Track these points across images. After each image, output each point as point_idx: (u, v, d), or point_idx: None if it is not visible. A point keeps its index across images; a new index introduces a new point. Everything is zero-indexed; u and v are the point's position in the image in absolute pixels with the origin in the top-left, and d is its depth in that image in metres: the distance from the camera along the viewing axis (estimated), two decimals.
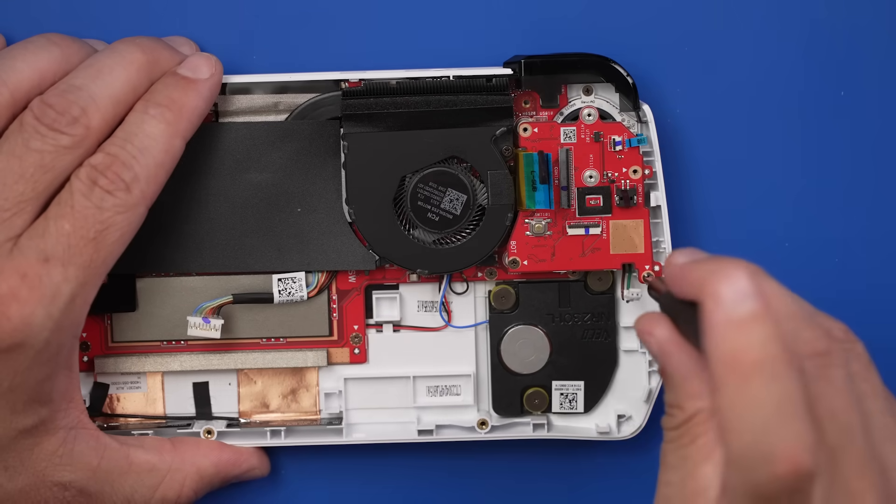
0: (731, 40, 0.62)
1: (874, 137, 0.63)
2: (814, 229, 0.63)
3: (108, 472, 0.58)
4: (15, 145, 0.54)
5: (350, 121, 0.59)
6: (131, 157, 0.54)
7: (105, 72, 0.55)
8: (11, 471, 0.56)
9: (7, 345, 0.53)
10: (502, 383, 0.62)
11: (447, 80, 0.60)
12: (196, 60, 0.57)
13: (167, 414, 0.62)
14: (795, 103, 0.63)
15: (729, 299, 0.44)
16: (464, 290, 0.62)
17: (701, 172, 0.63)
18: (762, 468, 0.43)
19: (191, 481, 0.60)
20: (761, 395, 0.44)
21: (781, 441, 0.43)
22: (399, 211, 0.60)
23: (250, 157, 0.60)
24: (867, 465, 0.44)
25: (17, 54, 0.56)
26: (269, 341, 0.62)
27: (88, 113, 0.54)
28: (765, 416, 0.43)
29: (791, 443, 0.43)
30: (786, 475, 0.43)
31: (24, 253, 0.53)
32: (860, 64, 0.62)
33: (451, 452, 0.64)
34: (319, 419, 0.62)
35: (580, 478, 0.64)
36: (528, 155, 0.59)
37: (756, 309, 0.44)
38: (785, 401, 0.43)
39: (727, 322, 0.44)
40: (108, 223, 0.54)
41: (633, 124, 0.60)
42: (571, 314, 0.62)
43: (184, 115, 0.56)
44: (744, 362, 0.44)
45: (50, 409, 0.55)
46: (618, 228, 0.60)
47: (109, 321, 0.61)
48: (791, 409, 0.43)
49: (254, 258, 0.60)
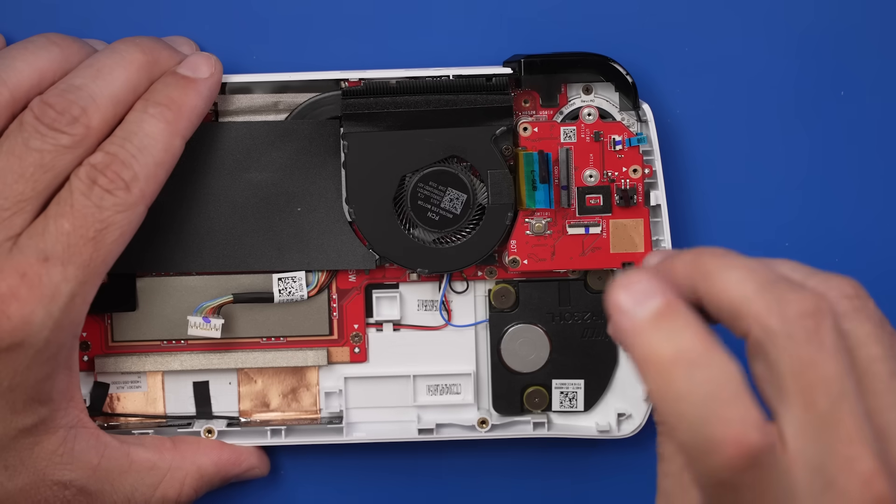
0: (731, 40, 0.62)
1: (874, 137, 0.63)
2: (814, 229, 0.63)
3: (109, 471, 0.58)
4: (15, 145, 0.54)
5: (350, 120, 0.59)
6: (131, 157, 0.54)
7: (105, 71, 0.55)
8: (11, 470, 0.56)
9: (7, 344, 0.53)
10: (502, 382, 0.62)
11: (447, 79, 0.60)
12: (196, 60, 0.57)
13: (167, 413, 0.62)
14: (795, 103, 0.63)
15: (627, 305, 0.45)
16: (464, 289, 0.62)
17: (701, 172, 0.63)
18: (711, 458, 0.43)
19: (191, 480, 0.60)
20: (686, 387, 0.43)
21: (720, 426, 0.43)
22: (399, 210, 0.60)
23: (250, 156, 0.60)
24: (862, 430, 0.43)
25: (16, 54, 0.56)
26: (270, 340, 0.62)
27: (88, 112, 0.54)
28: (697, 407, 0.43)
29: (731, 425, 0.43)
30: (735, 458, 0.43)
31: (24, 252, 0.53)
32: (860, 64, 0.63)
33: (452, 451, 0.64)
34: (320, 418, 0.62)
35: (580, 476, 0.64)
36: (528, 154, 0.59)
37: (658, 306, 0.44)
38: (715, 386, 0.43)
39: (632, 327, 0.44)
40: (107, 222, 0.54)
41: (632, 123, 0.61)
42: (571, 313, 0.62)
43: (183, 115, 0.56)
44: (661, 360, 0.44)
45: (50, 409, 0.55)
46: (618, 228, 0.60)
47: (109, 321, 0.61)
48: (724, 392, 0.43)
49: (254, 258, 0.60)
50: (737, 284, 0.45)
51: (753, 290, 0.44)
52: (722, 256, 0.46)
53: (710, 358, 0.44)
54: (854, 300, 0.46)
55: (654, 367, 0.44)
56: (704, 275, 0.45)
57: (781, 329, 0.44)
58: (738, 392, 0.43)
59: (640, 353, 0.44)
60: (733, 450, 0.43)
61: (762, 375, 0.45)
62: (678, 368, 0.44)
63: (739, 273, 0.45)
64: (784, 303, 0.44)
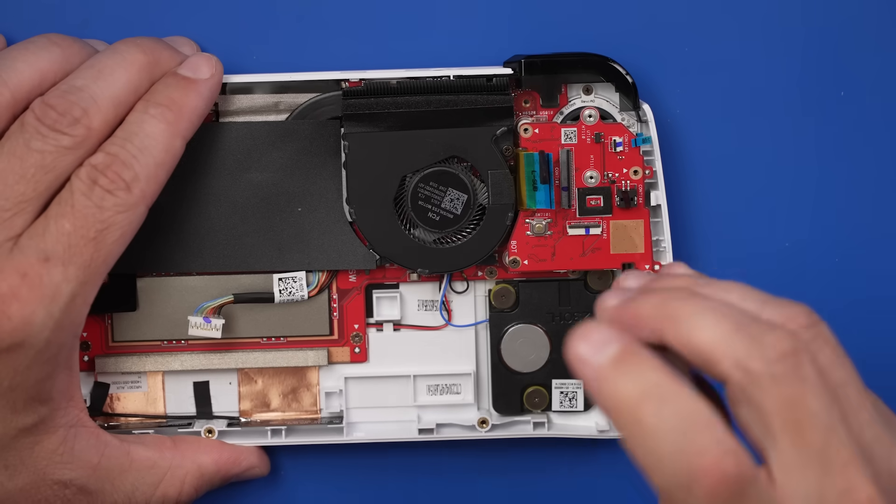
0: (731, 40, 0.62)
1: (874, 137, 0.63)
2: (814, 229, 0.63)
3: (109, 470, 0.58)
4: (16, 146, 0.54)
5: (350, 120, 0.59)
6: (131, 157, 0.54)
7: (106, 72, 0.55)
8: (12, 469, 0.56)
9: (7, 344, 0.53)
10: (502, 382, 0.62)
11: (447, 79, 0.60)
12: (196, 61, 0.57)
13: (168, 413, 0.62)
14: (795, 103, 0.63)
15: (587, 354, 0.45)
16: (464, 289, 0.62)
17: (701, 172, 0.63)
18: (692, 490, 0.43)
19: (192, 478, 0.60)
20: (656, 422, 0.43)
21: (696, 457, 0.43)
22: (399, 210, 0.60)
23: (251, 156, 0.60)
24: (854, 458, 0.44)
25: (17, 55, 0.56)
26: (270, 341, 0.62)
27: (90, 114, 0.54)
28: (669, 442, 0.43)
29: (706, 454, 0.43)
30: (715, 486, 0.43)
31: (25, 252, 0.53)
32: (860, 64, 0.63)
33: (452, 451, 0.64)
34: (320, 418, 0.62)
35: (580, 476, 0.64)
36: (528, 155, 0.59)
37: (615, 351, 0.45)
38: (685, 418, 0.43)
39: (595, 375, 0.45)
40: (108, 222, 0.54)
41: (633, 124, 0.61)
42: (571, 313, 0.62)
43: (184, 115, 0.56)
44: (627, 401, 0.44)
45: (50, 408, 0.55)
46: (618, 228, 0.60)
47: (110, 321, 0.62)
48: (694, 424, 0.43)
49: (254, 258, 0.61)
50: (709, 330, 0.45)
51: (728, 334, 0.45)
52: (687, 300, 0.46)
53: (675, 392, 0.44)
54: (812, 329, 0.46)
55: (621, 410, 0.44)
56: (673, 321, 0.46)
57: (764, 371, 0.44)
58: (708, 422, 0.43)
59: (606, 398, 0.45)
60: (712, 478, 0.43)
61: (746, 418, 0.45)
62: (645, 406, 0.44)
63: (709, 318, 0.45)
64: (762, 345, 0.44)
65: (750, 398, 0.44)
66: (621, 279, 0.50)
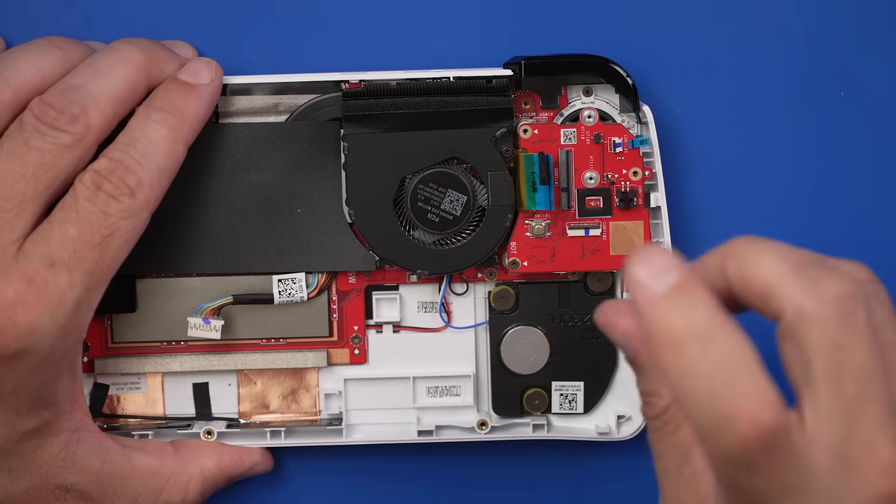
0: (731, 41, 0.62)
1: (875, 137, 0.63)
2: (814, 229, 0.63)
3: (111, 476, 0.58)
4: (16, 144, 0.54)
5: (350, 122, 0.59)
6: (135, 162, 0.54)
7: (104, 71, 0.55)
8: (15, 473, 0.56)
9: (13, 350, 0.53)
10: (502, 384, 0.62)
11: (447, 81, 0.60)
12: (197, 66, 0.57)
13: (167, 415, 0.62)
14: (795, 103, 0.63)
15: (645, 278, 0.44)
16: (464, 290, 0.62)
17: (701, 173, 0.63)
18: (724, 435, 0.42)
19: (195, 483, 0.60)
20: (701, 360, 0.43)
21: (735, 402, 0.42)
22: (399, 212, 0.60)
23: (250, 157, 0.60)
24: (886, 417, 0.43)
25: (19, 55, 0.56)
26: (269, 342, 0.62)
27: (88, 111, 0.54)
28: (710, 382, 0.43)
29: (745, 401, 0.42)
30: (749, 436, 0.42)
31: (30, 258, 0.53)
32: (860, 64, 0.63)
33: (451, 453, 0.64)
34: (319, 420, 0.62)
35: (580, 478, 0.64)
36: (528, 156, 0.59)
37: (675, 280, 0.44)
38: (729, 361, 0.43)
39: (649, 300, 0.44)
40: (112, 228, 0.54)
41: (633, 125, 0.61)
42: (571, 315, 0.62)
43: (185, 121, 0.56)
44: (675, 334, 0.43)
45: (53, 412, 0.55)
46: (618, 230, 0.60)
47: (109, 322, 0.61)
48: (738, 368, 0.43)
49: (254, 259, 0.60)
50: (771, 266, 0.45)
51: (788, 271, 0.45)
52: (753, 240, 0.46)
53: (724, 334, 0.43)
54: (871, 285, 0.46)
55: (667, 342, 0.44)
56: (736, 257, 0.46)
57: (817, 311, 0.44)
58: (752, 369, 0.43)
59: (653, 326, 0.44)
60: (747, 427, 0.42)
61: (790, 357, 0.44)
62: (692, 343, 0.43)
63: (773, 255, 0.45)
64: (820, 285, 0.44)
65: (797, 336, 0.44)
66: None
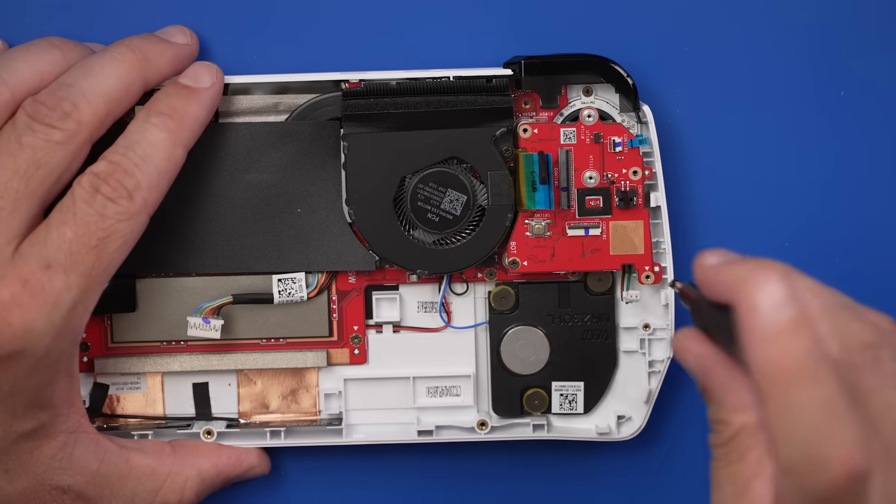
0: (731, 40, 0.62)
1: (875, 137, 0.63)
2: (814, 229, 0.63)
3: (108, 477, 0.58)
4: (9, 143, 0.54)
5: (350, 121, 0.59)
6: (133, 165, 0.54)
7: (96, 69, 0.56)
8: (11, 474, 0.56)
9: (8, 351, 0.53)
10: (502, 384, 0.62)
11: (447, 80, 0.60)
12: (197, 69, 0.58)
13: (167, 414, 0.62)
14: (795, 103, 0.63)
15: (765, 307, 0.44)
16: (464, 290, 0.62)
17: (701, 173, 0.63)
18: (816, 474, 0.43)
19: (192, 484, 0.60)
20: (808, 401, 0.43)
21: (833, 445, 0.43)
22: (399, 211, 0.60)
23: (250, 157, 0.60)
24: None
25: (18, 56, 0.56)
26: (269, 342, 0.62)
27: (79, 108, 0.54)
28: (814, 423, 0.43)
29: (842, 445, 0.43)
30: (841, 478, 0.43)
31: (26, 259, 0.53)
32: (860, 64, 0.62)
33: (451, 453, 0.64)
34: (319, 420, 0.62)
35: (580, 479, 0.64)
36: (528, 155, 0.59)
37: (794, 316, 0.44)
38: (831, 404, 0.43)
39: (766, 331, 0.44)
40: (110, 231, 0.54)
41: (633, 125, 0.60)
42: (571, 315, 0.62)
43: (185, 124, 0.56)
44: (787, 371, 0.43)
45: (50, 414, 0.55)
46: (618, 229, 0.60)
47: (109, 322, 0.61)
48: (838, 411, 0.43)
49: (254, 259, 0.60)
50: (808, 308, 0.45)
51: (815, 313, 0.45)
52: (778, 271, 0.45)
53: (830, 375, 0.43)
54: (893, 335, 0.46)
55: (780, 377, 0.43)
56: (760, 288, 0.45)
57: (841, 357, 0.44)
58: (848, 413, 0.43)
59: (767, 358, 0.44)
60: (839, 469, 0.43)
61: None
62: (804, 381, 0.43)
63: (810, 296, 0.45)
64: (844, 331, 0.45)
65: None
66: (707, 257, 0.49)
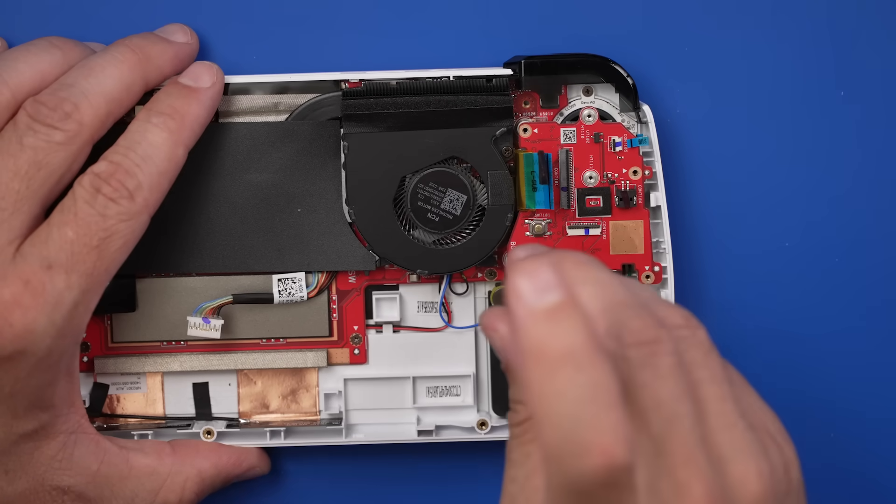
0: (731, 40, 0.62)
1: (875, 137, 0.63)
2: (814, 229, 0.63)
3: (108, 477, 0.58)
4: (10, 143, 0.54)
5: (350, 121, 0.59)
6: (135, 166, 0.54)
7: (97, 70, 0.56)
8: (11, 474, 0.56)
9: (9, 352, 0.53)
10: (502, 384, 0.62)
11: (447, 80, 0.60)
12: (198, 69, 0.58)
13: (167, 414, 0.62)
14: (795, 103, 0.63)
15: (528, 293, 0.44)
16: (464, 290, 0.62)
17: (701, 173, 0.63)
18: (575, 462, 0.42)
19: (192, 484, 0.60)
20: (569, 386, 0.43)
21: (593, 433, 0.42)
22: (399, 211, 0.60)
23: (250, 157, 0.60)
24: (694, 454, 0.43)
25: (19, 56, 0.56)
26: (269, 342, 0.62)
27: (80, 108, 0.54)
28: (575, 408, 0.42)
29: (604, 434, 0.42)
30: (599, 468, 0.42)
31: (27, 259, 0.53)
32: (860, 64, 0.62)
33: (451, 453, 0.64)
34: (319, 420, 0.62)
35: None
36: (528, 155, 0.59)
37: (557, 301, 0.44)
38: (597, 392, 0.42)
39: (528, 315, 0.44)
40: (111, 231, 0.54)
41: (633, 125, 0.60)
42: None
43: (186, 124, 0.56)
44: (548, 354, 0.43)
45: (51, 415, 0.55)
46: (618, 229, 0.60)
47: (109, 321, 0.61)
48: (603, 400, 0.42)
49: (254, 258, 0.60)
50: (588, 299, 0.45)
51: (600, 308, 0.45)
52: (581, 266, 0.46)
53: (595, 363, 0.43)
54: (684, 329, 0.46)
55: (538, 359, 0.43)
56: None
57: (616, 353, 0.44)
58: (614, 403, 0.43)
59: (527, 342, 0.43)
60: (598, 459, 0.42)
61: None
62: (564, 367, 0.43)
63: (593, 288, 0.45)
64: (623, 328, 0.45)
65: None
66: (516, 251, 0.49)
